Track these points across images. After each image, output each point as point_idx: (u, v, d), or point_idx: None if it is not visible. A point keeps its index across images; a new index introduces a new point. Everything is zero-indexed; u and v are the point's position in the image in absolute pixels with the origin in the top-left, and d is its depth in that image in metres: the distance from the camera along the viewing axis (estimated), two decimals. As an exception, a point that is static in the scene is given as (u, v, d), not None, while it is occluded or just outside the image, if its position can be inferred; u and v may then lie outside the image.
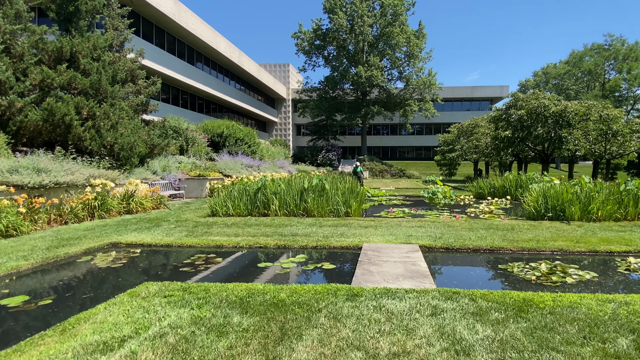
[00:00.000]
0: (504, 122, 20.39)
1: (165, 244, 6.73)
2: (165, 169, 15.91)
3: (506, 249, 6.34)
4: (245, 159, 21.40)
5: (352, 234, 7.35)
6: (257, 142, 26.28)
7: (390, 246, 6.22)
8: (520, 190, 16.10)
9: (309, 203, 9.79)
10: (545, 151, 20.98)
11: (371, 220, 9.26)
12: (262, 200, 10.03)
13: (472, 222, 8.98)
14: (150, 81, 16.95)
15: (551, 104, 18.52)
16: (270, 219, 9.25)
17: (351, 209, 9.94)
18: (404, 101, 43.25)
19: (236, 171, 18.48)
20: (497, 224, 8.74)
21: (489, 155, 23.75)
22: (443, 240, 6.75)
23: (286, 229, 7.94)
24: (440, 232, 7.68)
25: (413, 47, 41.33)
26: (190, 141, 20.86)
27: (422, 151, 58.46)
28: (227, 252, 6.32)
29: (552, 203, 9.89)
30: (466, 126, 31.58)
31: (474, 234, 7.43)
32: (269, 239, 6.99)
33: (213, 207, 10.10)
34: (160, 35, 28.28)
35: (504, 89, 55.94)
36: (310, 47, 42.44)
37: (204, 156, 20.89)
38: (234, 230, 7.85)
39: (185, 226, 8.43)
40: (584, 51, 44.73)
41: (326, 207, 9.88)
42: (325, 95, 43.61)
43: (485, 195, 17.09)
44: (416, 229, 7.96)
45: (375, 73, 38.93)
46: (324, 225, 8.47)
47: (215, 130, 23.83)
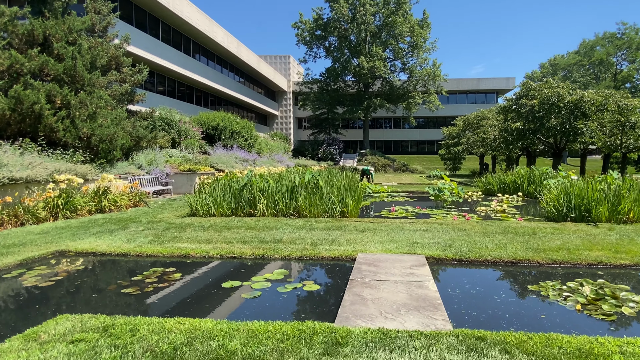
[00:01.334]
0: (514, 113, 19.12)
1: (121, 252, 5.65)
2: (152, 163, 14.83)
3: (532, 261, 5.21)
4: (241, 152, 20.28)
5: (346, 240, 6.23)
6: (254, 135, 25.14)
7: (391, 257, 5.10)
8: (533, 187, 14.92)
9: (300, 202, 8.67)
10: (557, 144, 19.72)
11: (369, 221, 8.14)
12: (248, 198, 8.92)
13: (485, 225, 7.84)
14: (136, 69, 15.81)
15: (566, 93, 17.22)
16: (255, 220, 8.15)
17: (347, 209, 8.82)
18: (408, 93, 41.86)
19: (229, 165, 17.38)
20: (515, 227, 7.59)
21: (497, 148, 22.50)
22: (454, 250, 5.62)
23: (270, 233, 6.84)
24: (449, 237, 6.55)
25: (417, 37, 39.85)
26: (182, 134, 19.76)
27: (425, 145, 57.09)
28: (191, 265, 5.23)
29: (575, 202, 8.72)
30: (472, 118, 30.27)
31: (490, 241, 6.30)
32: (246, 246, 5.88)
33: (193, 206, 9.01)
34: (155, 24, 27.07)
35: (510, 81, 54.34)
36: (311, 37, 41.04)
37: (197, 149, 19.81)
38: (209, 235, 6.75)
39: (155, 229, 7.34)
40: (595, 40, 42.89)
41: (319, 207, 8.76)
42: (326, 87, 42.28)
43: (494, 191, 15.93)
44: (421, 234, 6.84)
45: (377, 64, 37.55)
46: (315, 228, 7.36)
47: (210, 122, 22.70)
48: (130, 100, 16.00)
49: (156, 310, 3.60)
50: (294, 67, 51.46)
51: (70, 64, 12.08)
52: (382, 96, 42.05)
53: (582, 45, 44.44)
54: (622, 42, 39.98)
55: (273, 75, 45.49)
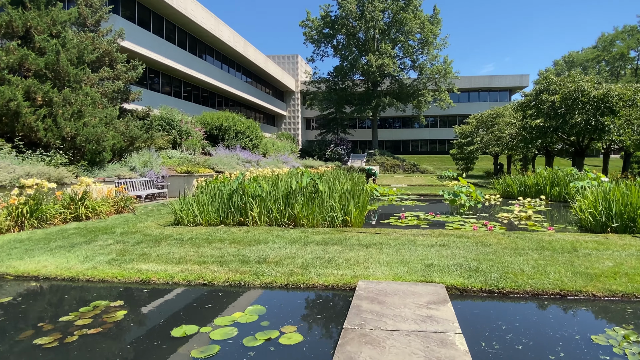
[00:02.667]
0: (534, 110, 17.73)
1: (69, 276, 4.62)
2: (147, 165, 13.91)
3: (585, 292, 4.03)
4: (243, 153, 19.30)
5: (345, 261, 5.11)
6: (259, 135, 24.16)
7: (401, 288, 3.97)
8: (557, 189, 13.60)
9: (297, 209, 7.58)
10: (580, 143, 18.28)
11: (375, 232, 7.01)
12: (239, 205, 7.86)
13: (514, 238, 6.64)
14: (130, 65, 14.92)
15: (591, 87, 15.81)
16: (243, 231, 7.08)
17: (350, 217, 7.69)
18: (418, 91, 40.49)
19: (230, 167, 16.39)
20: (550, 241, 6.38)
21: (514, 148, 21.11)
22: (482, 276, 4.47)
23: (256, 249, 5.76)
24: (473, 256, 5.38)
25: (427, 34, 38.48)
26: (184, 134, 18.87)
27: (436, 145, 55.53)
28: (147, 296, 4.18)
29: (617, 209, 7.47)
30: (486, 116, 28.82)
31: (525, 261, 5.12)
32: (223, 269, 4.81)
33: (177, 214, 7.99)
34: (158, 22, 26.28)
35: (524, 78, 52.53)
36: (318, 35, 39.97)
37: (199, 150, 18.89)
38: (184, 252, 5.70)
39: (125, 242, 6.32)
40: (615, 34, 40.68)
41: (318, 215, 7.65)
42: (334, 86, 41.17)
43: (514, 194, 14.63)
44: (438, 250, 5.68)
45: (386, 61, 36.30)
46: (311, 241, 6.25)
47: (214, 122, 21.79)
48: (124, 98, 15.13)
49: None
50: (302, 66, 50.46)
51: (53, 58, 11.20)
52: (392, 95, 40.78)
53: (600, 39, 42.29)
54: (643, 35, 38.06)
55: (281, 75, 44.56)
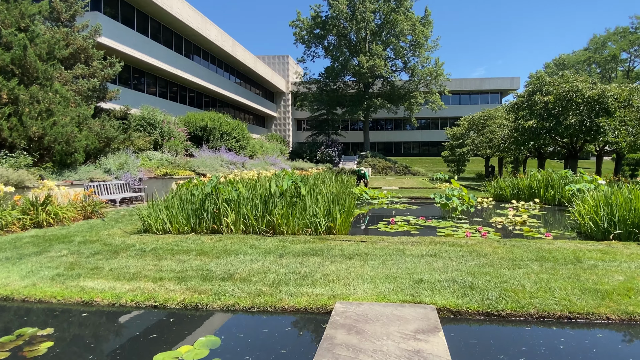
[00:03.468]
0: (526, 111, 17.34)
1: (3, 295, 3.95)
2: (123, 167, 13.16)
3: (597, 315, 3.47)
4: (228, 155, 18.60)
5: (324, 276, 4.49)
6: (247, 136, 23.47)
7: (385, 312, 3.36)
8: (552, 192, 13.17)
9: (276, 215, 6.95)
10: (573, 144, 17.94)
11: (361, 240, 6.41)
12: (212, 211, 7.21)
13: (510, 246, 6.09)
14: (107, 62, 14.18)
15: (585, 87, 15.45)
16: (214, 241, 6.43)
17: (335, 223, 7.09)
18: (409, 93, 40.15)
19: (213, 169, 15.68)
20: (550, 250, 5.85)
21: (505, 150, 20.74)
22: (479, 294, 3.89)
23: (224, 262, 5.12)
24: (467, 268, 4.81)
25: (419, 35, 38.15)
26: (166, 135, 18.13)
27: (427, 147, 55.30)
28: (83, 321, 3.52)
29: (620, 215, 6.97)
30: (477, 118, 28.48)
31: (525, 275, 4.56)
32: (180, 287, 4.17)
33: (145, 220, 7.31)
34: (143, 20, 25.49)
35: (515, 81, 52.59)
36: (309, 36, 39.42)
37: (182, 152, 18.16)
38: (142, 265, 5.04)
39: (79, 254, 5.63)
40: (607, 35, 40.66)
41: (300, 221, 7.03)
42: (325, 87, 40.63)
43: (507, 197, 14.17)
44: (428, 262, 5.10)
45: (378, 62, 35.86)
46: (288, 252, 5.62)
47: (199, 123, 21.06)
48: (101, 97, 14.38)
49: None
50: (293, 67, 49.88)
51: (20, 53, 10.44)
52: (383, 96, 40.37)
53: (592, 41, 42.29)
54: (636, 36, 37.90)
55: (271, 76, 43.92)
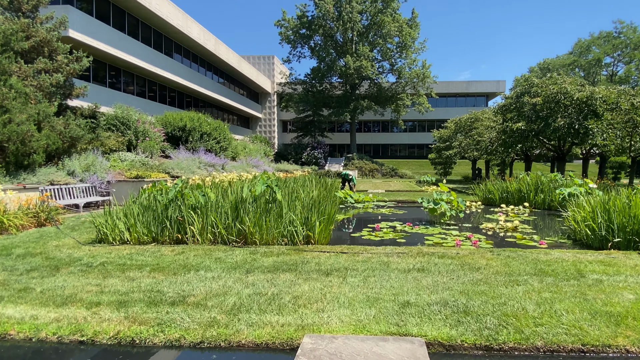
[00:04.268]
0: (515, 113, 17.02)
1: None
2: (89, 169, 12.26)
3: (615, 347, 2.89)
4: (207, 156, 17.77)
5: (294, 299, 3.81)
6: (228, 137, 22.63)
7: (364, 349, 2.70)
8: (542, 196, 12.77)
9: (247, 223, 6.23)
10: (561, 147, 17.69)
11: (342, 251, 5.76)
12: (176, 218, 6.45)
13: (505, 258, 5.52)
14: (72, 56, 13.24)
15: (574, 89, 15.18)
16: (176, 253, 5.69)
17: (314, 232, 6.41)
18: (396, 95, 39.84)
19: (190, 171, 14.84)
20: (549, 262, 5.30)
21: (493, 152, 20.43)
22: (474, 320, 3.27)
23: (180, 281, 4.39)
24: (460, 286, 4.20)
25: (405, 37, 37.90)
26: (140, 135, 17.19)
27: (414, 149, 55.18)
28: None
29: (619, 221, 6.49)
30: (464, 120, 28.26)
31: (525, 293, 3.97)
32: (119, 315, 3.44)
33: (101, 229, 6.51)
34: (120, 16, 24.44)
35: (501, 84, 52.94)
36: (295, 36, 38.75)
37: (157, 153, 17.24)
38: (82, 285, 4.28)
39: (13, 270, 4.83)
40: (591, 39, 41.13)
41: (275, 230, 6.33)
42: (311, 88, 39.99)
43: (496, 201, 13.74)
44: (416, 279, 4.47)
45: (365, 64, 35.42)
46: (257, 267, 4.93)
47: (177, 123, 20.14)
48: (67, 94, 13.43)
49: None
50: (278, 67, 49.10)
51: (-30, 43, 9.51)
52: (370, 98, 39.96)
53: (577, 45, 42.77)
54: (619, 41, 38.47)
55: (256, 76, 43.08)
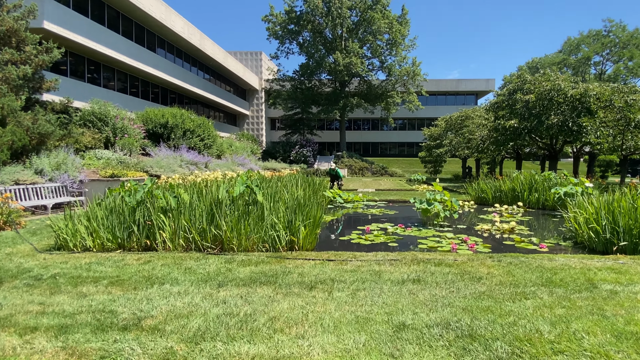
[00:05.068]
0: (507, 110, 16.68)
1: None
2: (60, 168, 11.47)
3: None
4: (190, 154, 17.03)
5: (270, 322, 3.24)
6: (212, 134, 21.88)
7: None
8: (536, 195, 12.41)
9: (224, 228, 5.63)
10: (554, 145, 17.42)
11: (329, 258, 5.20)
12: (144, 222, 5.81)
13: (507, 265, 5.03)
14: (42, 47, 12.40)
15: (568, 86, 14.88)
16: (142, 262, 5.06)
17: (297, 237, 5.84)
18: (386, 93, 39.43)
19: (170, 170, 14.11)
20: (554, 269, 4.83)
21: (484, 150, 20.12)
22: (483, 348, 2.74)
23: (139, 298, 3.78)
24: (462, 302, 3.68)
25: (396, 34, 37.50)
26: (118, 132, 16.37)
27: (404, 148, 55.00)
28: None
29: (625, 224, 6.06)
30: (455, 118, 27.96)
31: (535, 309, 3.47)
32: (54, 344, 2.82)
33: (61, 235, 5.84)
34: (98, 7, 23.44)
35: (490, 82, 53.08)
36: (283, 31, 38.04)
37: (137, 151, 16.45)
38: (26, 301, 3.63)
39: (-57, 287, 4.15)
40: (581, 38, 41.20)
41: (255, 235, 5.74)
42: (300, 85, 39.33)
43: (489, 200, 13.36)
44: (411, 293, 3.94)
45: (354, 60, 34.91)
46: (231, 280, 4.34)
47: (158, 119, 19.33)
48: (36, 87, 12.59)
49: None
50: (266, 63, 48.28)
51: None
52: (360, 95, 39.50)
53: (566, 43, 42.85)
54: (608, 39, 38.64)
55: (243, 72, 42.24)
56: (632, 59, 37.34)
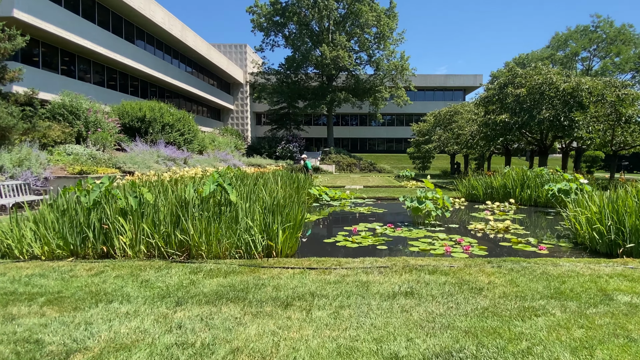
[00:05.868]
0: (497, 104, 16.28)
1: None
2: (23, 164, 10.57)
3: None
4: (168, 149, 16.19)
5: (233, 354, 2.61)
6: (193, 129, 21.00)
7: None
8: (528, 192, 12.02)
9: (192, 232, 4.97)
10: (544, 140, 17.13)
11: (309, 266, 4.60)
12: (102, 226, 5.11)
13: (509, 271, 4.51)
14: (4, 34, 11.41)
15: (560, 79, 14.52)
16: (93, 273, 4.37)
17: (276, 241, 5.22)
18: (374, 87, 38.88)
19: (145, 166, 13.28)
20: (562, 277, 4.33)
21: (474, 146, 19.75)
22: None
23: (77, 321, 3.11)
24: (463, 321, 3.11)
25: (384, 27, 36.92)
26: (91, 126, 15.42)
27: (393, 143, 54.67)
28: None
29: (632, 224, 5.61)
30: (444, 114, 27.61)
31: (550, 330, 2.93)
32: None
33: (4, 241, 5.09)
34: (74, -4, 22.22)
35: (478, 78, 53.04)
36: (268, 23, 37.06)
37: (111, 146, 15.53)
38: None
39: None
40: (569, 33, 41.22)
41: (227, 239, 5.10)
42: (286, 79, 38.48)
43: (480, 197, 12.93)
44: (404, 310, 3.36)
45: (341, 54, 34.22)
46: (193, 296, 3.69)
47: (135, 113, 18.37)
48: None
49: None
50: (251, 57, 47.19)
51: None
52: (347, 90, 38.86)
53: (554, 38, 42.83)
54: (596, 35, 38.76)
55: (227, 66, 41.14)
56: (619, 54, 37.56)
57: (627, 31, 37.51)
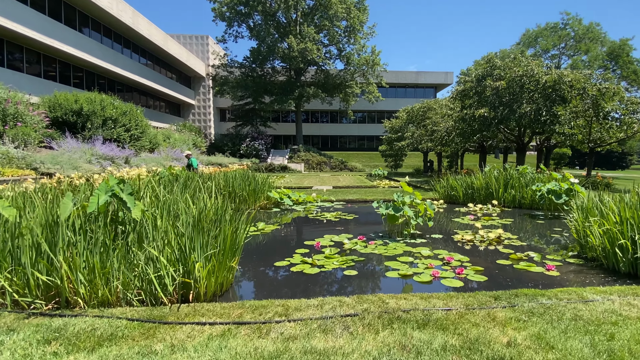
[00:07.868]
0: (475, 99, 15.23)
1: None
2: None
3: None
4: (106, 147, 14.03)
5: None
6: (142, 124, 18.80)
7: None
8: (512, 192, 10.94)
9: (63, 267, 3.24)
10: (522, 137, 16.28)
11: (238, 322, 3.01)
12: None
13: (530, 316, 3.11)
14: None
15: (541, 71, 13.60)
16: None
17: (195, 277, 3.57)
18: (345, 83, 37.58)
19: (71, 166, 11.15)
20: (603, 323, 2.95)
21: (449, 143, 18.72)
22: None
23: None
24: None
25: (354, 20, 35.66)
26: (10, 119, 13.05)
27: (364, 141, 53.68)
28: None
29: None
30: (417, 110, 26.60)
31: None
32: None
33: None
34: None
35: (449, 76, 52.94)
36: (231, 12, 34.84)
37: (35, 143, 13.22)
38: None
39: None
40: (538, 30, 41.51)
41: (122, 276, 3.41)
42: (250, 72, 36.45)
43: (459, 199, 11.75)
44: None
45: (310, 46, 32.63)
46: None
47: (71, 106, 15.99)
48: None
49: None
50: (213, 48, 44.61)
51: None
52: (317, 85, 37.36)
53: (524, 35, 42.97)
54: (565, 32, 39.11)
55: (187, 58, 38.54)
56: (587, 52, 38.08)
57: (595, 29, 38.09)
